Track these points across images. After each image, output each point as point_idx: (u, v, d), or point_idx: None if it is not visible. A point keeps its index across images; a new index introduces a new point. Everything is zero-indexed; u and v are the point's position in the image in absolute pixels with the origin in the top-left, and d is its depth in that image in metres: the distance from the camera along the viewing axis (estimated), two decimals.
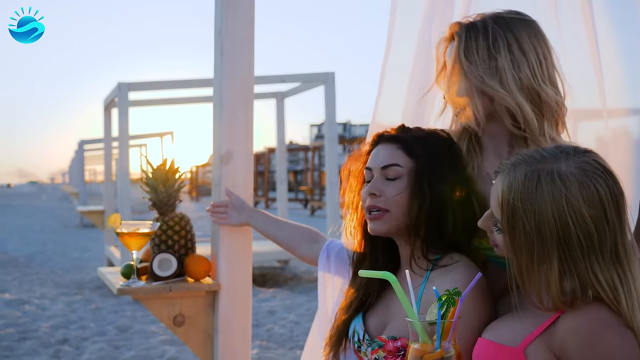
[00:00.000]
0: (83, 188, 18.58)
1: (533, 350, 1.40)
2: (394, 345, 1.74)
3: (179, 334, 2.60)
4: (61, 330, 6.19)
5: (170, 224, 2.56)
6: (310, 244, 2.31)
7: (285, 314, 6.77)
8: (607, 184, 1.37)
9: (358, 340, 1.87)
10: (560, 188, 1.35)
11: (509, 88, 1.78)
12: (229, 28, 2.52)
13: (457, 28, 1.87)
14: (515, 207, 1.39)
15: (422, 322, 1.37)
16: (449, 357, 1.35)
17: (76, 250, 12.60)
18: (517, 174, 1.41)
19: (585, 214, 1.34)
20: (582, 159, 1.40)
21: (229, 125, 2.54)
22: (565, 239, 1.35)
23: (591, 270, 1.36)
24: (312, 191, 25.05)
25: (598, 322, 1.35)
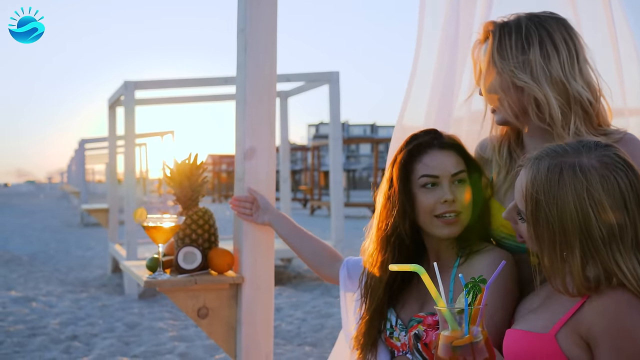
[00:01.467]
0: (84, 187, 18.58)
1: (564, 335, 1.45)
2: (432, 319, 1.83)
3: (202, 326, 2.65)
4: (70, 326, 6.24)
5: (194, 218, 2.62)
6: (332, 265, 2.38)
7: (292, 311, 6.83)
8: (627, 176, 1.42)
9: (390, 327, 1.95)
10: (581, 180, 1.41)
11: (538, 80, 1.83)
12: (252, 26, 2.57)
13: (491, 27, 1.93)
14: (538, 199, 1.44)
15: (450, 310, 1.41)
16: (477, 342, 1.38)
17: (79, 249, 12.63)
18: (540, 167, 1.47)
19: (606, 205, 1.39)
20: (603, 153, 1.45)
21: (252, 122, 2.60)
22: (587, 230, 1.40)
23: (613, 260, 1.40)
24: (311, 191, 25.09)
25: (622, 304, 1.40)
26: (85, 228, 17.63)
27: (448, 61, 2.38)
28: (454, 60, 2.37)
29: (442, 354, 1.39)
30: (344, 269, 2.31)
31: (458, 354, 1.37)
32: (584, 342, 1.43)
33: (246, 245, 2.60)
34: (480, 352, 1.37)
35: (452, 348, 1.38)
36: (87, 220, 18.78)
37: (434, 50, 2.45)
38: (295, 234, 2.48)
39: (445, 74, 2.39)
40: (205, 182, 2.68)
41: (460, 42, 2.39)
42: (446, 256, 1.93)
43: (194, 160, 2.65)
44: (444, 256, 1.93)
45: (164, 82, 8.20)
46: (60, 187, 44.98)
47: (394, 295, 2.01)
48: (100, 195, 24.73)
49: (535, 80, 1.83)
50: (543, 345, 1.47)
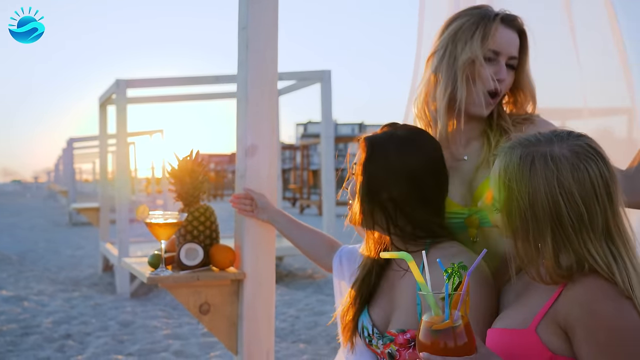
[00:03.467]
0: (73, 186, 18.50)
1: (543, 328, 1.46)
2: (404, 338, 1.83)
3: (204, 322, 2.67)
4: (63, 325, 6.23)
5: (195, 215, 2.63)
6: (326, 252, 2.40)
7: (285, 308, 6.85)
8: (597, 166, 1.45)
9: (368, 335, 1.95)
10: (552, 169, 1.43)
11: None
12: (254, 23, 2.59)
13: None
14: (510, 187, 1.47)
15: (434, 296, 1.42)
16: (457, 326, 1.39)
17: (68, 248, 12.59)
18: (513, 156, 1.49)
19: (575, 194, 1.42)
20: (575, 143, 1.48)
21: (253, 119, 2.61)
22: (558, 218, 1.43)
23: (584, 247, 1.43)
24: (300, 190, 25.09)
25: (596, 292, 1.41)
26: (74, 227, 17.56)
27: None
28: None
29: (423, 338, 1.41)
30: (337, 258, 2.32)
31: (438, 338, 1.38)
32: (563, 332, 1.44)
33: (247, 241, 2.62)
34: (460, 336, 1.38)
35: (432, 332, 1.39)
36: (75, 219, 18.71)
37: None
38: (293, 229, 2.49)
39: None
40: (207, 179, 2.69)
41: None
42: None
43: (195, 157, 2.66)
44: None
45: (156, 80, 8.19)
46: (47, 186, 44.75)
47: (371, 291, 2.02)
48: (87, 194, 24.61)
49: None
50: (525, 340, 1.48)
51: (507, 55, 1.95)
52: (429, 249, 1.87)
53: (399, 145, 1.88)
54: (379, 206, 1.89)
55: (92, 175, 30.10)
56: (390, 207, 1.88)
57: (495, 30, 1.93)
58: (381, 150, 1.88)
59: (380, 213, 1.89)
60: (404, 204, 1.87)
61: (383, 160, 1.87)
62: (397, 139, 1.90)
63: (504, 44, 1.94)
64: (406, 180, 1.85)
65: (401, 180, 1.85)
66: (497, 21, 1.94)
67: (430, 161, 1.89)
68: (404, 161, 1.86)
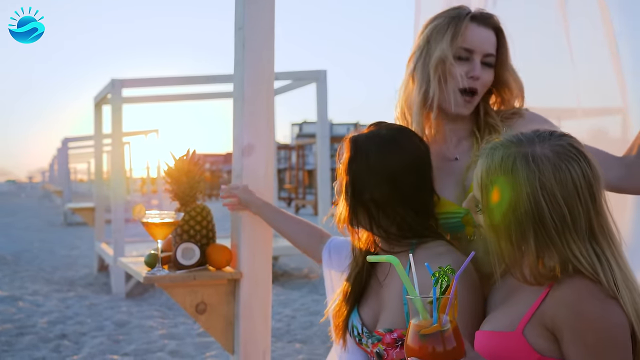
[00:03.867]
0: (68, 186, 18.47)
1: (530, 330, 1.45)
2: (391, 338, 1.84)
3: (200, 322, 2.67)
4: (58, 325, 6.22)
5: (192, 214, 2.63)
6: (314, 243, 2.39)
7: (281, 308, 6.85)
8: (580, 166, 1.43)
9: (358, 334, 1.96)
10: (534, 170, 1.42)
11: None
12: (251, 23, 2.59)
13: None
14: (492, 187, 1.46)
15: (422, 299, 1.41)
16: (445, 330, 1.38)
17: (63, 248, 12.56)
18: (494, 157, 1.48)
19: (558, 195, 1.41)
20: (557, 143, 1.46)
21: (250, 119, 2.61)
22: (540, 219, 1.42)
23: (568, 248, 1.42)
24: (296, 190, 25.09)
25: (581, 292, 1.40)
26: (69, 227, 17.53)
27: None
28: None
29: (411, 342, 1.40)
30: (327, 250, 2.32)
31: (427, 342, 1.37)
32: (550, 334, 1.43)
33: (244, 241, 2.62)
34: (449, 340, 1.37)
35: (420, 336, 1.38)
36: (70, 219, 18.67)
37: None
38: (280, 219, 2.48)
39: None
40: (204, 178, 2.70)
41: None
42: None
43: (192, 156, 2.66)
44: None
45: (151, 80, 8.18)
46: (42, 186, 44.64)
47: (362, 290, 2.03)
48: (82, 194, 24.57)
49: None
50: (512, 343, 1.47)
51: (482, 52, 1.96)
52: (415, 249, 1.88)
53: (380, 145, 1.88)
54: (362, 206, 1.89)
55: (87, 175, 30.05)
56: (373, 207, 1.88)
57: (466, 29, 1.95)
58: (364, 150, 1.89)
59: (363, 213, 1.90)
60: (386, 204, 1.87)
61: (365, 160, 1.88)
62: (379, 138, 1.90)
63: (475, 41, 1.95)
64: (387, 181, 1.86)
65: (382, 181, 1.86)
66: (467, 19, 1.96)
67: (413, 160, 1.89)
68: (385, 161, 1.86)
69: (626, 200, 2.22)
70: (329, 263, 2.31)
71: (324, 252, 2.32)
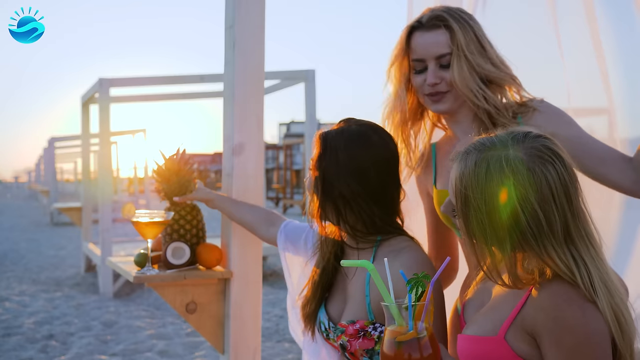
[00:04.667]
0: (54, 186, 18.36)
1: (512, 335, 1.44)
2: (353, 329, 1.87)
3: (191, 321, 2.66)
4: (46, 326, 6.18)
5: (182, 214, 2.62)
6: (267, 227, 2.42)
7: (270, 308, 6.84)
8: (555, 169, 1.40)
9: (325, 330, 1.99)
10: (508, 176, 1.38)
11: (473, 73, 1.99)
12: (241, 22, 2.59)
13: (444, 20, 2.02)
14: (467, 195, 1.43)
15: (397, 306, 1.41)
16: (422, 337, 1.38)
17: (50, 248, 12.49)
18: (468, 162, 1.45)
19: (532, 201, 1.38)
20: (531, 145, 1.43)
21: (240, 118, 2.61)
22: (517, 225, 1.39)
23: (545, 252, 1.40)
24: (284, 189, 25.08)
25: (559, 297, 1.39)
26: (56, 227, 17.43)
27: None
28: None
29: (386, 349, 1.39)
30: (282, 235, 2.35)
31: (402, 349, 1.37)
32: (531, 339, 1.42)
33: (234, 240, 2.62)
34: (425, 347, 1.37)
35: (396, 343, 1.38)
36: (57, 219, 18.57)
37: None
38: (235, 207, 2.53)
39: None
40: (194, 177, 2.68)
41: None
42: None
43: (182, 155, 2.65)
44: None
45: (139, 79, 8.14)
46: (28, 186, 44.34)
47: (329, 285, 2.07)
48: (69, 194, 24.45)
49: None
50: (494, 348, 1.46)
51: (433, 57, 1.97)
52: (379, 246, 1.93)
53: (350, 141, 1.90)
54: (330, 201, 1.92)
55: (73, 175, 29.88)
56: (341, 203, 1.91)
57: (411, 41, 2.00)
58: (333, 145, 1.91)
59: (331, 208, 1.93)
60: (353, 200, 1.90)
61: (335, 156, 1.90)
62: (349, 134, 1.92)
63: (421, 50, 1.98)
64: (356, 176, 1.89)
65: (351, 176, 1.88)
66: (409, 31, 2.01)
67: (381, 156, 1.92)
68: (352, 157, 1.89)
69: (612, 200, 2.23)
70: (284, 246, 2.35)
71: (279, 235, 2.35)
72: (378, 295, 1.85)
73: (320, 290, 2.05)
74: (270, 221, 2.43)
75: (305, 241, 2.27)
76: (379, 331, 1.85)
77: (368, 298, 1.87)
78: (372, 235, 1.94)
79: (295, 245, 2.31)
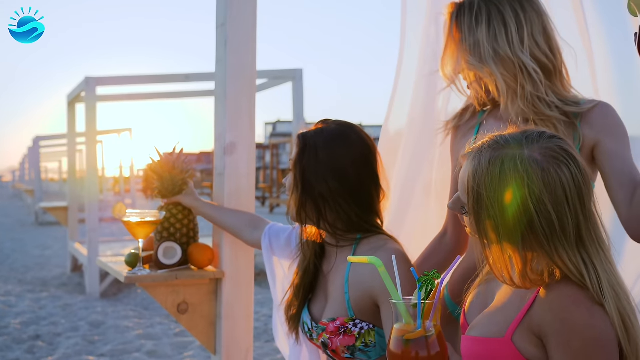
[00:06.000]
0: (39, 185, 18.21)
1: (519, 336, 1.43)
2: (334, 326, 1.89)
3: (182, 322, 2.64)
4: (32, 326, 6.12)
5: (173, 212, 2.59)
6: (251, 231, 2.43)
7: (259, 308, 6.82)
8: (569, 170, 1.39)
9: (309, 330, 2.02)
10: (522, 176, 1.38)
11: (486, 60, 1.91)
12: (233, 20, 2.57)
13: (451, 8, 2.01)
14: (480, 193, 1.42)
15: (405, 304, 1.40)
16: (429, 335, 1.38)
17: (36, 248, 12.38)
18: (481, 160, 1.43)
19: (546, 201, 1.37)
20: (546, 145, 1.42)
21: (232, 117, 2.59)
22: (529, 224, 1.38)
23: (556, 254, 1.39)
24: (270, 189, 25.03)
25: (567, 298, 1.39)
26: (41, 227, 17.28)
27: (430, 63, 2.43)
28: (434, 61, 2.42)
29: (394, 347, 1.39)
30: (266, 238, 2.36)
31: (410, 347, 1.36)
32: (538, 340, 1.42)
33: (226, 240, 2.60)
34: (433, 345, 1.37)
35: (404, 341, 1.37)
36: (42, 219, 18.42)
37: (415, 55, 2.50)
38: (217, 213, 2.54)
39: (427, 76, 2.43)
40: (189, 175, 2.63)
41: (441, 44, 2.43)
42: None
43: (178, 154, 2.61)
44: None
45: (126, 78, 8.09)
46: (12, 185, 44.00)
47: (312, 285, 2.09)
48: (54, 193, 24.25)
49: (483, 62, 1.92)
50: (500, 349, 1.45)
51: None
52: (359, 244, 1.96)
53: (329, 139, 1.94)
54: (310, 200, 1.95)
55: (58, 174, 29.68)
56: (321, 201, 1.94)
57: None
58: (312, 144, 1.95)
59: (311, 208, 1.95)
60: (333, 199, 1.93)
61: (314, 155, 1.93)
62: (328, 133, 1.96)
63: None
64: (336, 174, 1.92)
65: (331, 174, 1.92)
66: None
67: (360, 154, 1.95)
68: (333, 155, 1.92)
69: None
70: (269, 248, 2.36)
71: (264, 238, 2.37)
72: (357, 292, 1.88)
73: (302, 292, 2.07)
74: (254, 225, 2.44)
75: (289, 242, 2.28)
76: (359, 327, 1.86)
77: (347, 295, 1.89)
78: (352, 233, 1.97)
79: (280, 247, 2.32)
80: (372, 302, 1.85)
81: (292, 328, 2.09)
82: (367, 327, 1.86)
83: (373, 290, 1.84)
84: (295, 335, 2.10)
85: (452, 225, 2.19)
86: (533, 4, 1.95)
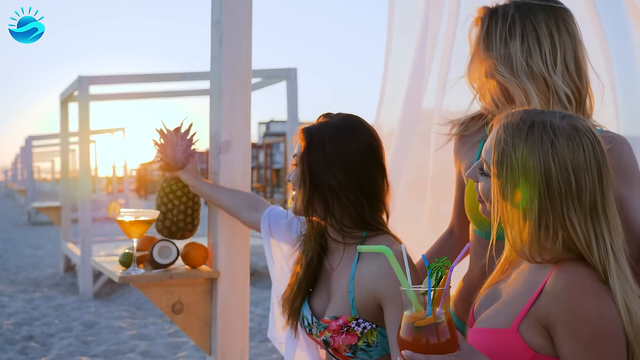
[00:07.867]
0: (32, 185, 18.16)
1: (525, 327, 1.45)
2: (336, 324, 1.88)
3: (177, 322, 2.62)
4: (25, 327, 6.09)
5: (173, 188, 2.54)
6: (250, 212, 2.41)
7: (252, 308, 6.80)
8: (592, 145, 1.46)
9: (308, 325, 2.00)
10: (549, 134, 1.45)
11: (518, 75, 1.86)
12: (228, 18, 2.54)
13: (482, 13, 1.95)
14: (507, 141, 1.48)
15: (415, 292, 1.41)
16: (439, 322, 1.38)
17: (28, 248, 12.33)
18: (513, 117, 1.51)
19: (567, 161, 1.43)
20: (574, 121, 1.49)
21: (227, 115, 2.57)
22: (547, 180, 1.43)
23: (567, 216, 1.43)
24: (264, 188, 25.03)
25: (574, 286, 1.41)
26: (33, 227, 17.22)
27: (417, 60, 2.42)
28: (422, 58, 2.41)
29: (404, 334, 1.39)
30: (265, 221, 2.33)
31: (420, 334, 1.37)
32: (545, 331, 1.44)
33: (221, 239, 2.58)
34: (443, 332, 1.37)
35: (414, 328, 1.38)
36: (34, 218, 18.36)
37: (403, 52, 2.49)
38: (216, 191, 2.50)
39: (415, 73, 2.42)
40: (193, 151, 2.56)
41: (429, 41, 2.43)
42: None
43: (187, 130, 2.55)
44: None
45: (119, 77, 8.06)
46: (4, 185, 43.87)
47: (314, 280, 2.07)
48: (46, 193, 24.19)
49: (515, 75, 1.86)
50: (507, 340, 1.47)
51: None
52: (365, 241, 1.94)
53: (335, 132, 1.93)
54: (318, 194, 1.92)
55: (50, 174, 29.59)
56: (329, 195, 1.91)
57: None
58: (319, 137, 1.93)
59: (319, 202, 1.93)
60: (342, 191, 1.91)
61: (321, 148, 1.91)
62: (333, 125, 1.94)
63: None
64: (343, 166, 1.90)
65: (338, 166, 1.90)
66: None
67: (367, 145, 1.94)
68: (340, 146, 1.91)
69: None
70: (268, 232, 2.33)
71: (263, 221, 2.34)
72: (362, 292, 1.86)
73: (304, 286, 2.05)
74: (254, 205, 2.41)
75: (289, 228, 2.26)
76: (362, 327, 1.85)
77: (352, 294, 1.88)
78: (359, 230, 1.95)
79: (280, 231, 2.30)
80: (376, 304, 1.84)
81: (291, 322, 2.08)
82: (370, 326, 1.85)
83: (377, 292, 1.82)
84: (294, 330, 2.08)
85: (458, 225, 2.18)
86: (568, 25, 1.90)
